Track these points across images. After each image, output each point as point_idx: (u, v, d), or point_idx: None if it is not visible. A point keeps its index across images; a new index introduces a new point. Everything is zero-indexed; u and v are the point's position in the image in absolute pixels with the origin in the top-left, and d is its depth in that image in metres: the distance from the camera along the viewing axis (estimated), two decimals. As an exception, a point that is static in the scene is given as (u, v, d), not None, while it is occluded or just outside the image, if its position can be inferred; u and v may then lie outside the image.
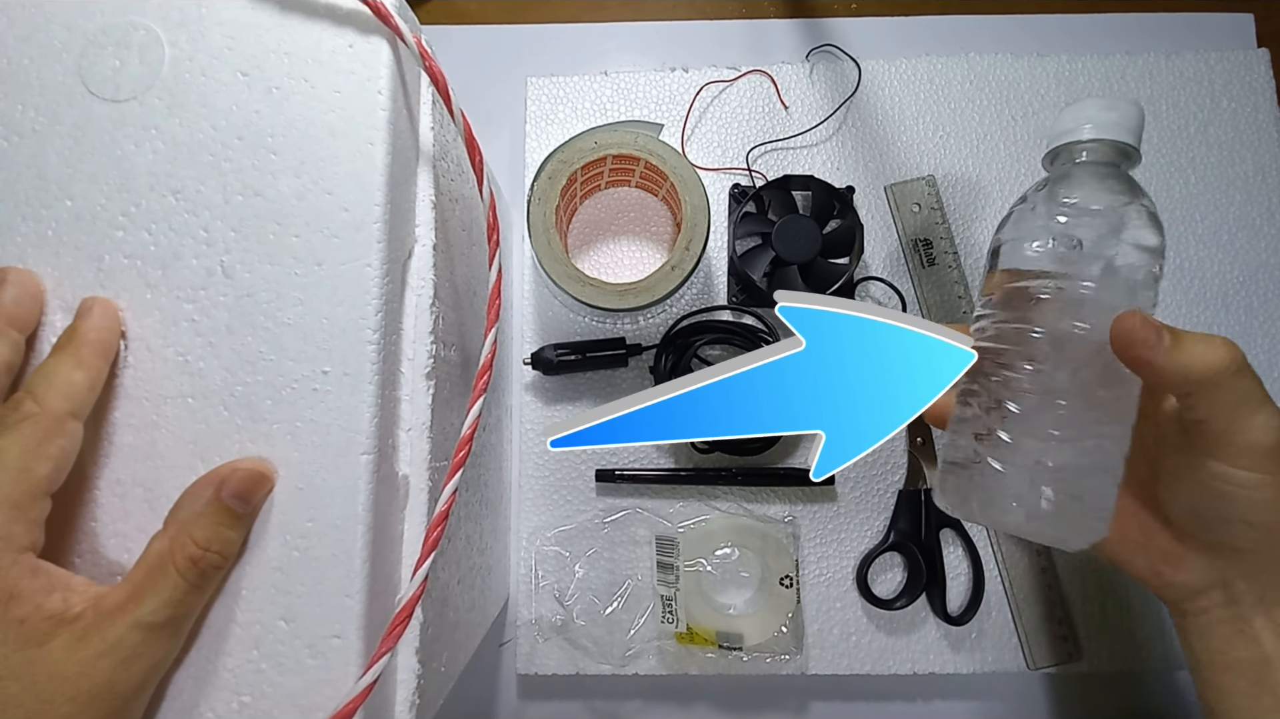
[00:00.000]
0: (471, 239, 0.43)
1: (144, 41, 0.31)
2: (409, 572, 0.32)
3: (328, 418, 0.29)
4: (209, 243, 0.30)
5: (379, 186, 0.30)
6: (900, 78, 0.56)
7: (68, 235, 0.30)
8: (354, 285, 0.30)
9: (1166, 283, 0.53)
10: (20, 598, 0.25)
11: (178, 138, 0.31)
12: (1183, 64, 0.56)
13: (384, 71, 0.31)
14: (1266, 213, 0.54)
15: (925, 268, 0.54)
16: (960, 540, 0.51)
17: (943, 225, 0.54)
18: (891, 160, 0.55)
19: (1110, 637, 0.50)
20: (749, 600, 0.50)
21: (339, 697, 0.27)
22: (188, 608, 0.27)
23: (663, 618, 0.49)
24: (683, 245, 0.46)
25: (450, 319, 0.37)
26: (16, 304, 0.29)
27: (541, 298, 0.54)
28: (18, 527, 0.26)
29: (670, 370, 0.50)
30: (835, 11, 0.59)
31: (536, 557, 0.51)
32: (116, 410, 0.30)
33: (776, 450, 0.52)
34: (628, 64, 0.58)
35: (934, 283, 0.54)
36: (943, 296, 0.53)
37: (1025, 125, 0.55)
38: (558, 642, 0.50)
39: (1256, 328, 0.53)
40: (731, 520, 0.51)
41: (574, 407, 0.53)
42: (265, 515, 0.29)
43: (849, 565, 0.51)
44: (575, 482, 0.52)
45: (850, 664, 0.50)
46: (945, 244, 0.54)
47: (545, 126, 0.56)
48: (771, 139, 0.55)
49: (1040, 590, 0.50)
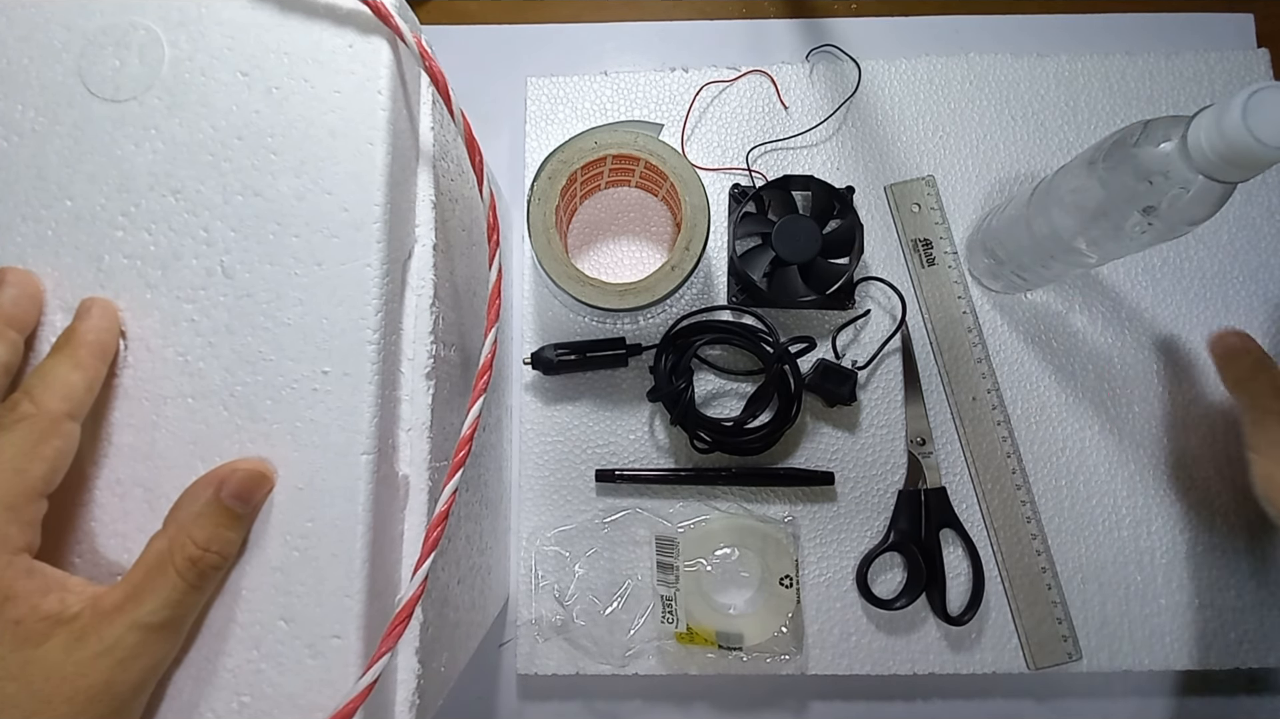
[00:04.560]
0: (471, 239, 0.43)
1: (144, 41, 0.31)
2: (409, 572, 0.32)
3: (328, 418, 0.29)
4: (209, 243, 0.30)
5: (379, 187, 0.30)
6: (900, 78, 0.56)
7: (68, 235, 0.30)
8: (354, 285, 0.30)
9: (1167, 283, 0.53)
10: (16, 599, 0.25)
11: (178, 138, 0.31)
12: (1183, 64, 0.56)
13: (384, 71, 0.31)
14: (1266, 213, 0.54)
15: (925, 268, 0.54)
16: (960, 540, 0.51)
17: (942, 225, 0.54)
18: (891, 160, 0.55)
19: (1110, 637, 0.50)
20: (749, 600, 0.50)
21: (339, 697, 0.27)
22: (187, 608, 0.27)
23: (663, 618, 0.49)
24: (682, 245, 0.46)
25: (450, 319, 0.37)
26: (15, 305, 0.29)
27: (541, 298, 0.54)
28: (12, 528, 0.25)
29: (670, 370, 0.50)
30: (835, 11, 0.59)
31: (536, 557, 0.51)
32: (116, 410, 0.29)
33: (776, 450, 0.52)
34: (628, 64, 0.58)
35: (934, 283, 0.54)
36: (942, 296, 0.53)
37: (1025, 125, 0.55)
38: (558, 642, 0.50)
39: (1256, 328, 0.53)
40: (731, 520, 0.51)
41: (574, 407, 0.53)
42: (265, 515, 0.29)
43: (849, 565, 0.51)
44: (575, 482, 0.52)
45: (850, 664, 0.50)
46: (945, 244, 0.54)
47: (545, 126, 0.56)
48: (771, 139, 0.55)
49: (1040, 591, 0.50)
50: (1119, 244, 0.40)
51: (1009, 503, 0.51)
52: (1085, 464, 0.52)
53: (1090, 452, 0.52)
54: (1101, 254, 0.43)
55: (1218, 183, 0.34)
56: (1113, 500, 0.51)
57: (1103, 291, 0.54)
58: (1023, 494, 0.51)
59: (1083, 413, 0.52)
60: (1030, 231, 0.45)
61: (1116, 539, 0.51)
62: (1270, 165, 0.33)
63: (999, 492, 0.51)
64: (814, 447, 0.52)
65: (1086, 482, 0.52)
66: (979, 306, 0.53)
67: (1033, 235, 0.45)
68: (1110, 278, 0.54)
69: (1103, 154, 0.39)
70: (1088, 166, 0.40)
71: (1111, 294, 0.53)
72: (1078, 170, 0.41)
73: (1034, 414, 0.52)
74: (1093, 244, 0.42)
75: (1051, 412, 0.52)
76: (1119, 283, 0.54)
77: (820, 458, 0.52)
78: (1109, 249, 0.42)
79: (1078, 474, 0.52)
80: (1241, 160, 0.32)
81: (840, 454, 0.52)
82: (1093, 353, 0.53)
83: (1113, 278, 0.54)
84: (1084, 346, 0.53)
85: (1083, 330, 0.53)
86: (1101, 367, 0.53)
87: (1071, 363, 0.53)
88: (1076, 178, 0.41)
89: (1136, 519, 0.51)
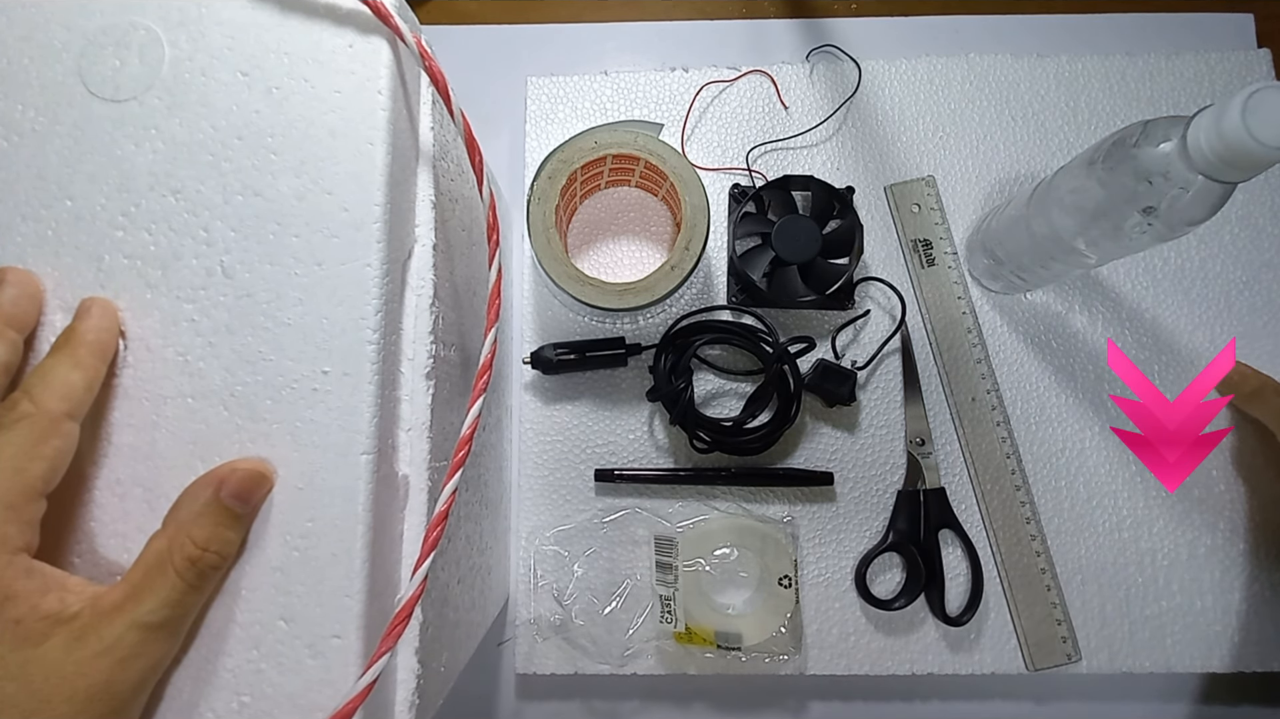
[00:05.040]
0: (471, 239, 0.43)
1: (144, 41, 0.31)
2: (409, 572, 0.32)
3: (328, 418, 0.29)
4: (209, 243, 0.30)
5: (379, 187, 0.30)
6: (900, 78, 0.56)
7: (68, 235, 0.30)
8: (354, 285, 0.30)
9: (1167, 284, 0.53)
10: (15, 598, 0.25)
11: (178, 138, 0.31)
12: (1183, 65, 0.56)
13: (384, 71, 0.31)
14: (1269, 213, 0.54)
15: (925, 268, 0.54)
16: (959, 541, 0.51)
17: (942, 226, 0.54)
18: (891, 161, 0.55)
19: (1109, 638, 0.50)
20: (748, 600, 0.50)
21: (339, 697, 0.27)
22: (186, 608, 0.27)
23: (661, 618, 0.49)
24: (682, 245, 0.46)
25: (450, 319, 0.37)
26: (15, 304, 0.29)
27: (541, 297, 0.54)
28: (11, 528, 0.25)
29: (670, 370, 0.50)
30: (835, 11, 0.59)
31: (535, 556, 0.51)
32: (116, 410, 0.29)
33: (775, 450, 0.52)
34: (628, 64, 0.58)
35: (933, 283, 0.54)
36: (942, 297, 0.53)
37: (1026, 126, 0.55)
38: (556, 641, 0.50)
39: (1259, 328, 0.53)
40: (730, 520, 0.51)
41: (573, 406, 0.53)
42: (265, 515, 0.29)
43: (848, 566, 0.51)
44: (574, 481, 0.52)
45: (849, 665, 0.50)
46: (945, 244, 0.54)
47: (545, 126, 0.56)
48: (771, 139, 0.55)
49: (1039, 592, 0.50)
50: (1119, 245, 0.40)
51: (1008, 503, 0.51)
52: (1085, 465, 0.52)
53: (1090, 452, 0.52)
54: (1101, 255, 0.43)
55: (1217, 183, 0.34)
56: (1113, 501, 0.51)
57: (1103, 292, 0.54)
58: (1022, 495, 0.51)
59: (1083, 414, 0.52)
60: (1030, 232, 0.45)
61: (1117, 540, 0.51)
62: (1270, 165, 0.33)
63: (998, 492, 0.51)
64: (813, 447, 0.52)
65: (1086, 482, 0.52)
66: (979, 307, 0.53)
67: (1032, 236, 0.45)
68: (1110, 278, 0.54)
69: (1102, 154, 0.39)
70: (1087, 167, 0.40)
71: (1111, 295, 0.53)
72: (1077, 171, 0.41)
73: (1034, 415, 0.52)
74: (1092, 245, 0.42)
75: (1051, 412, 0.52)
76: (1119, 283, 0.54)
77: (819, 458, 0.52)
78: (1109, 250, 0.42)
79: (1077, 475, 0.52)
80: (1241, 160, 0.32)
81: (839, 454, 0.52)
82: (1093, 353, 0.53)
83: (1113, 278, 0.54)
84: (1084, 347, 0.53)
85: (1083, 331, 0.53)
86: (1101, 367, 0.53)
87: (1071, 363, 0.53)
88: (1076, 178, 0.41)
89: (1137, 520, 0.51)
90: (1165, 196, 0.36)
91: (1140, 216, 0.37)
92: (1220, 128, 0.32)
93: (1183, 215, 0.36)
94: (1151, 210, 0.37)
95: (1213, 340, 0.53)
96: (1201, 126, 0.33)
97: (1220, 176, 0.34)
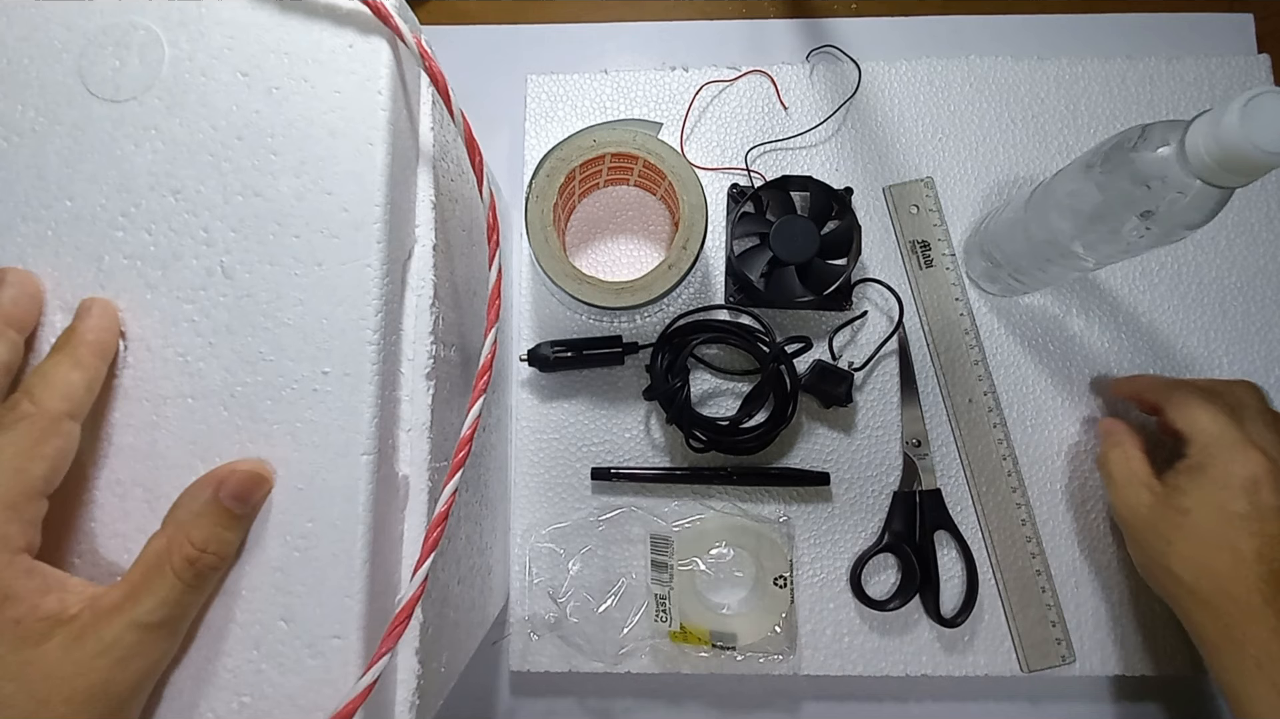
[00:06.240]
0: (471, 239, 0.43)
1: (144, 41, 0.31)
2: (409, 572, 0.32)
3: (328, 418, 0.29)
4: (209, 243, 0.30)
5: (379, 186, 0.30)
6: (900, 79, 0.56)
7: (68, 235, 0.30)
8: (354, 286, 0.30)
9: (1164, 287, 0.54)
10: (15, 599, 0.25)
11: (178, 138, 0.31)
12: (1183, 69, 0.56)
13: (384, 71, 0.31)
14: (1264, 218, 0.54)
15: (923, 270, 0.54)
16: (954, 542, 0.51)
17: (941, 227, 0.54)
18: (890, 162, 0.55)
19: (1104, 640, 0.50)
20: (743, 600, 0.50)
21: (339, 697, 0.28)
22: (185, 608, 0.27)
23: (656, 616, 0.50)
24: (680, 244, 0.46)
25: (450, 319, 0.37)
26: (15, 304, 0.29)
27: (539, 295, 0.54)
28: (13, 527, 0.25)
29: (666, 369, 0.50)
30: (835, 12, 0.59)
31: (530, 554, 0.51)
32: (116, 410, 0.30)
33: (772, 450, 0.52)
34: (627, 63, 0.58)
35: (931, 285, 0.54)
36: (940, 299, 0.54)
37: (1025, 128, 0.56)
38: (551, 639, 0.50)
39: (1254, 334, 0.53)
40: (726, 520, 0.51)
41: (570, 404, 0.53)
42: (265, 516, 0.29)
43: (843, 566, 0.51)
44: (570, 479, 0.53)
45: (843, 665, 0.50)
46: (943, 246, 0.54)
47: (545, 125, 0.56)
48: (771, 139, 0.55)
49: (1034, 593, 0.50)
50: (1116, 248, 0.41)
51: (1004, 505, 0.51)
52: (1081, 467, 0.52)
53: (1087, 455, 0.52)
54: (1098, 258, 0.43)
55: (1215, 188, 0.34)
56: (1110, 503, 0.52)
57: (1100, 295, 0.54)
58: (1018, 497, 0.51)
59: (1079, 416, 0.53)
60: (1028, 235, 0.45)
61: (1112, 543, 0.51)
62: (1268, 171, 0.33)
63: (994, 494, 0.52)
64: (809, 447, 0.53)
65: (1083, 485, 0.52)
66: (976, 309, 0.54)
67: (1030, 238, 0.45)
68: (1107, 282, 0.54)
69: (1100, 158, 0.39)
70: (1085, 170, 0.40)
71: (1109, 298, 0.54)
72: (1075, 174, 0.41)
73: (1030, 417, 0.53)
74: (1090, 248, 0.42)
75: (1048, 415, 0.53)
76: (1116, 286, 0.54)
77: (816, 458, 0.52)
78: (1106, 253, 0.42)
79: (1074, 477, 0.52)
80: (1238, 165, 0.33)
81: (836, 455, 0.52)
82: (1089, 356, 0.53)
83: (1110, 282, 0.54)
84: (1081, 350, 0.53)
85: (1080, 334, 0.53)
86: (1098, 370, 0.53)
87: (1068, 366, 0.53)
88: (1074, 181, 0.41)
89: (1130, 521, 0.52)
90: (1163, 201, 0.36)
91: (1138, 220, 0.38)
92: (1218, 132, 0.32)
93: (1181, 219, 0.37)
94: (1149, 214, 0.37)
95: (1208, 344, 0.53)
96: (1200, 131, 0.33)
97: (1218, 181, 0.34)
